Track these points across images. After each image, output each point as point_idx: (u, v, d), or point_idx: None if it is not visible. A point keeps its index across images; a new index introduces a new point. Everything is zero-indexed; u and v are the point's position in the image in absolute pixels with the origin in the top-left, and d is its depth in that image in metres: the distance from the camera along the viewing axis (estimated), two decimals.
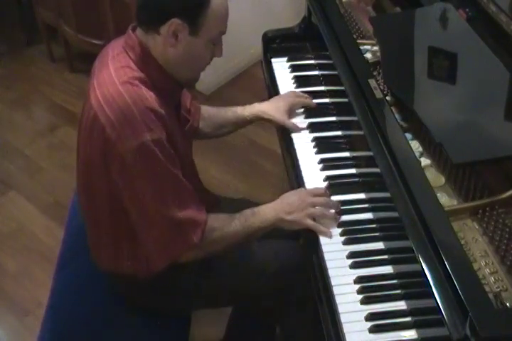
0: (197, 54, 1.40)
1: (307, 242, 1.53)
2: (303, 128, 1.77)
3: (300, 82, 1.95)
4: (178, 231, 1.39)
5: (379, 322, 1.29)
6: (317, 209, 1.49)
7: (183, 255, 1.43)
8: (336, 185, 1.59)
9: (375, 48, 1.78)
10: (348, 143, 1.71)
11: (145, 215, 1.39)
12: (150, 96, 1.35)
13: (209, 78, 3.21)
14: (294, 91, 1.87)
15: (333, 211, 1.50)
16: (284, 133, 1.81)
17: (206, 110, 1.80)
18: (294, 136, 1.77)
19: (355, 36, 1.85)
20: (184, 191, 1.40)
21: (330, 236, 1.46)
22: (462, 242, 1.25)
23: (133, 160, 1.32)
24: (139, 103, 1.32)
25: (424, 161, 1.48)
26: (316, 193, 1.53)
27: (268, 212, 1.50)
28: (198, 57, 1.41)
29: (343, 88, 1.66)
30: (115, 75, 1.36)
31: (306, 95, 1.84)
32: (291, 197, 1.53)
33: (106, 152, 1.35)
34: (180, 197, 1.39)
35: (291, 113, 1.80)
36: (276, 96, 1.86)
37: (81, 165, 1.48)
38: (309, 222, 1.48)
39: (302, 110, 1.85)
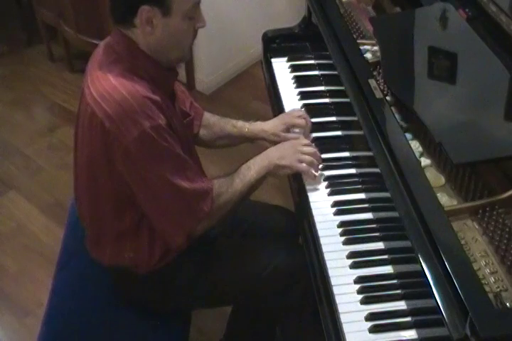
0: (178, 32, 1.39)
1: (307, 242, 1.53)
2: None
3: (300, 82, 1.95)
4: (190, 204, 1.42)
5: (379, 322, 1.29)
6: (306, 156, 1.58)
7: (197, 226, 1.46)
8: (336, 185, 1.59)
9: (375, 48, 1.78)
10: (348, 143, 1.71)
11: (155, 197, 1.41)
12: (143, 86, 1.36)
13: (209, 78, 3.21)
14: (296, 110, 1.81)
15: (319, 161, 1.60)
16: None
17: (208, 118, 1.80)
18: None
19: (355, 36, 1.85)
20: (188, 166, 1.43)
21: (318, 180, 1.59)
22: (462, 242, 1.25)
23: (136, 148, 1.34)
24: (134, 93, 1.34)
25: (424, 161, 1.48)
26: (304, 143, 1.63)
27: (261, 161, 1.57)
28: (180, 34, 1.41)
29: (343, 88, 1.66)
30: (107, 70, 1.38)
31: (305, 115, 1.76)
32: (281, 146, 1.63)
33: (107, 146, 1.36)
34: (186, 172, 1.42)
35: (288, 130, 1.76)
36: (278, 115, 1.82)
37: (83, 163, 1.49)
38: (301, 165, 1.57)
39: (302, 110, 1.85)
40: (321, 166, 1.62)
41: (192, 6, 1.37)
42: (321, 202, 1.56)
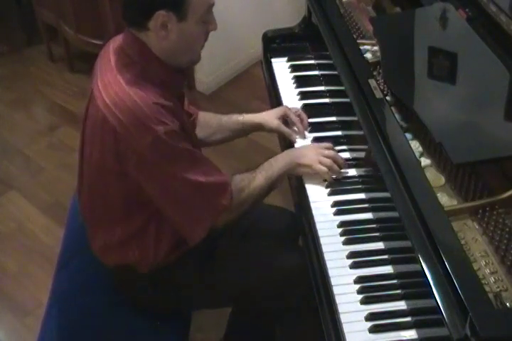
0: (191, 37, 1.40)
1: (307, 242, 1.53)
2: (299, 134, 1.76)
3: (300, 82, 1.95)
4: (208, 198, 1.44)
5: (379, 322, 1.29)
6: (327, 159, 1.59)
7: (217, 220, 1.47)
8: (336, 185, 1.59)
9: (375, 48, 1.78)
10: (348, 143, 1.71)
11: (174, 198, 1.42)
12: (155, 92, 1.37)
13: (209, 78, 3.21)
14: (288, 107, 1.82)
15: (342, 165, 1.60)
16: None
17: (202, 116, 1.81)
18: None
19: (355, 36, 1.85)
20: (203, 161, 1.45)
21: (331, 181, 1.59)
22: (462, 242, 1.25)
23: (151, 153, 1.35)
24: (147, 100, 1.34)
25: (424, 161, 1.48)
26: (326, 146, 1.64)
27: (283, 159, 1.61)
28: (193, 39, 1.41)
29: (343, 88, 1.66)
30: (119, 75, 1.38)
31: (303, 114, 1.79)
32: (303, 147, 1.68)
33: (120, 153, 1.37)
34: (201, 167, 1.43)
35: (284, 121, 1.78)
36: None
37: (91, 168, 1.49)
38: (321, 167, 1.57)
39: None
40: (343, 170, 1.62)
41: (206, 10, 1.38)
42: (321, 202, 1.56)
